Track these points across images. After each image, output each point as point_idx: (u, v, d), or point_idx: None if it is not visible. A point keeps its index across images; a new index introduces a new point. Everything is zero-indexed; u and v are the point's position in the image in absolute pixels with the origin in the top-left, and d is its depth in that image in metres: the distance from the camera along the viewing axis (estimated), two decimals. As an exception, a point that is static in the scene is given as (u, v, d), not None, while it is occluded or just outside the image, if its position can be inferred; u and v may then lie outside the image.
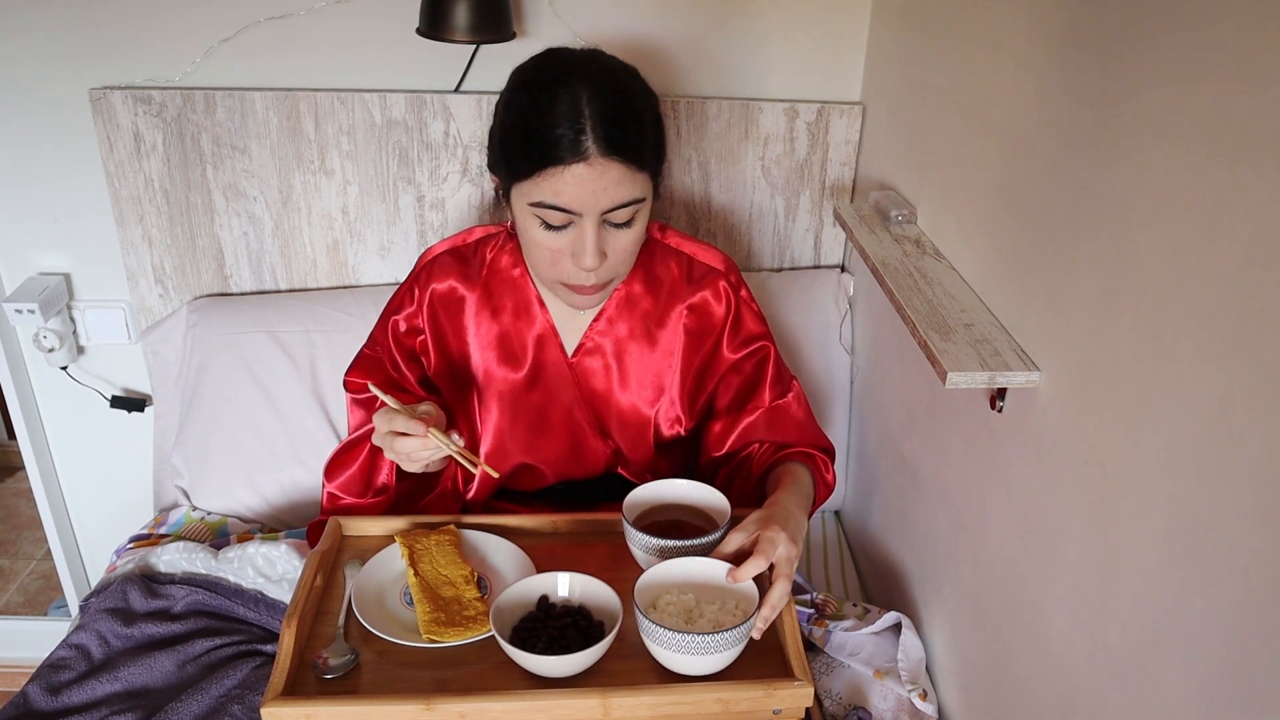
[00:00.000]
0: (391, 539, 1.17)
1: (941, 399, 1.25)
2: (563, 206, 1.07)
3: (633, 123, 1.08)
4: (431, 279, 1.26)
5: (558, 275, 1.14)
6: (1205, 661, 0.73)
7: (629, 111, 1.09)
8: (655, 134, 1.13)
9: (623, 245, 1.13)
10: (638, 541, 1.11)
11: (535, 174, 1.07)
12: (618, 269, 1.16)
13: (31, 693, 1.20)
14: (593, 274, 1.12)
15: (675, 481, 1.19)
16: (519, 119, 1.09)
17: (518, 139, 1.09)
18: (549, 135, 1.05)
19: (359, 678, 1.01)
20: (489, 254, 1.27)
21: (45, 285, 1.64)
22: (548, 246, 1.12)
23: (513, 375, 1.27)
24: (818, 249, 1.72)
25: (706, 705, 0.98)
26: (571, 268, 1.12)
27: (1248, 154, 0.68)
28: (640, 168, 1.09)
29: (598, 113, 1.05)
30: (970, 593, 1.17)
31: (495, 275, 1.26)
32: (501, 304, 1.26)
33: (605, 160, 1.05)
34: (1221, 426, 0.71)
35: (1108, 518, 0.86)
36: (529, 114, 1.08)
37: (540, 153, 1.06)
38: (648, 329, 1.27)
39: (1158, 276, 0.79)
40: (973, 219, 1.17)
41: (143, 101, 1.53)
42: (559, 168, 1.05)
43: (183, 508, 1.58)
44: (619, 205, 1.08)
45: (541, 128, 1.06)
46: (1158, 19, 0.79)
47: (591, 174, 1.05)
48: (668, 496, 1.19)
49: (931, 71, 1.32)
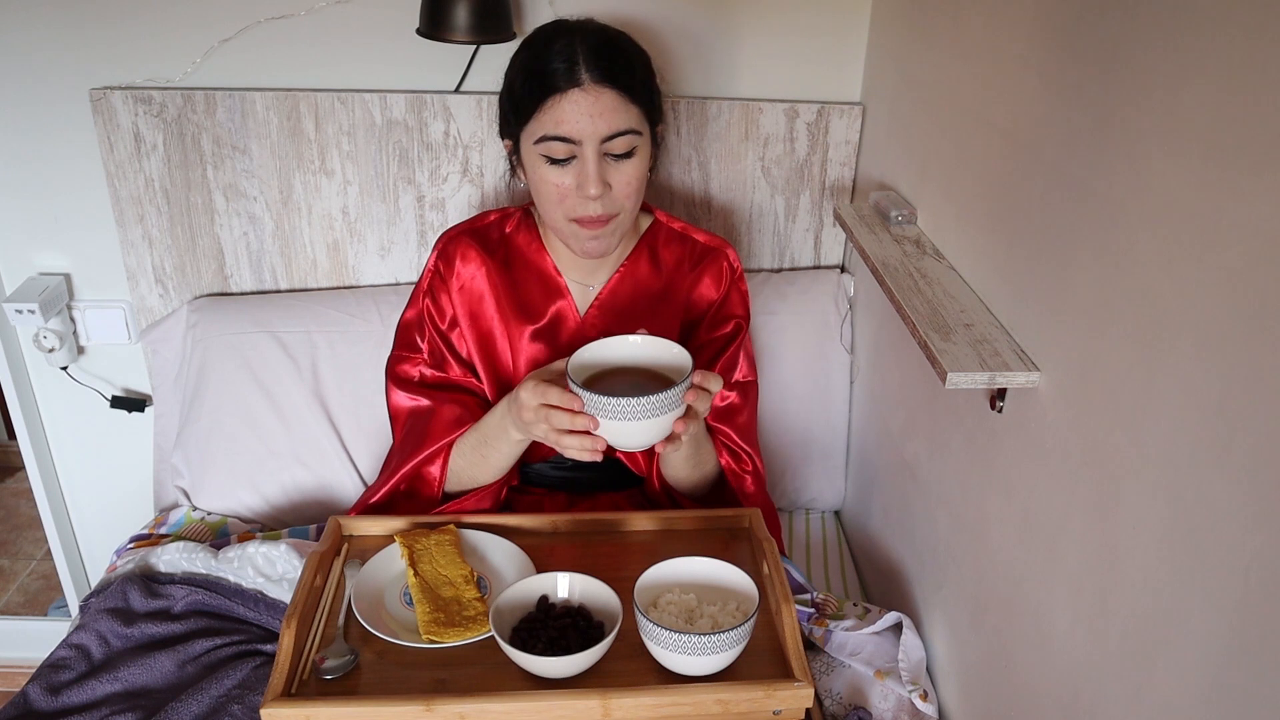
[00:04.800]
0: (391, 539, 1.17)
1: (941, 399, 1.25)
2: (563, 135, 1.17)
3: (622, 58, 1.20)
4: (454, 260, 1.33)
5: (566, 211, 1.22)
6: (1205, 661, 0.73)
7: (619, 49, 1.21)
8: (646, 76, 1.24)
9: (624, 178, 1.21)
10: (596, 406, 1.01)
11: (537, 110, 1.17)
12: (621, 203, 1.23)
13: (31, 693, 1.20)
14: (598, 203, 1.19)
15: (626, 338, 1.10)
16: (520, 67, 1.22)
17: (520, 83, 1.21)
18: (546, 69, 1.17)
19: (359, 678, 1.01)
20: (507, 230, 1.36)
21: (45, 285, 1.64)
22: (554, 183, 1.20)
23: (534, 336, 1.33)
24: (818, 249, 1.72)
25: (706, 706, 0.98)
26: (577, 200, 1.20)
27: (1247, 154, 0.68)
28: (633, 99, 1.19)
29: (590, 48, 1.17)
30: (970, 593, 1.17)
31: (515, 251, 1.34)
32: (522, 276, 1.34)
33: (599, 87, 1.16)
34: (1221, 426, 0.71)
35: (1108, 518, 0.86)
36: (529, 60, 1.21)
37: (539, 86, 1.17)
38: (650, 305, 1.34)
39: (1157, 277, 0.79)
40: (973, 219, 1.17)
41: (143, 101, 1.53)
42: (556, 97, 1.16)
43: (183, 508, 1.58)
44: (616, 133, 1.18)
45: (539, 66, 1.18)
46: (1158, 20, 0.79)
47: (586, 99, 1.16)
48: (618, 357, 1.10)
49: (931, 71, 1.32)
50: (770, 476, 1.66)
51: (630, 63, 1.21)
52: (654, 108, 1.25)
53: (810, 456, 1.67)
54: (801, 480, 1.69)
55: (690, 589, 1.06)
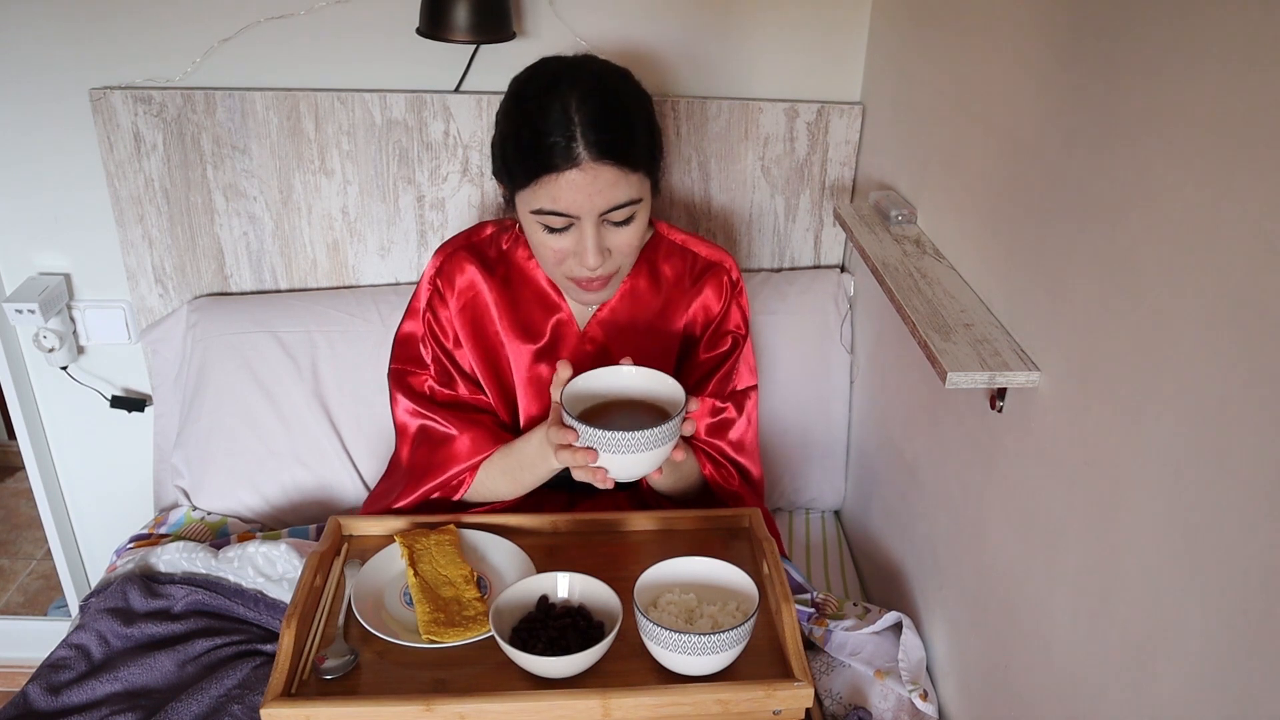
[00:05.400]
0: (391, 539, 1.17)
1: (941, 399, 1.25)
2: (561, 211, 1.14)
3: (622, 126, 1.14)
4: (454, 278, 1.32)
5: (564, 272, 1.22)
6: (1205, 661, 0.73)
7: (618, 115, 1.14)
8: (647, 135, 1.19)
9: (624, 241, 1.20)
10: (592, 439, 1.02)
11: (533, 183, 1.14)
12: (621, 263, 1.23)
13: (31, 693, 1.20)
14: (597, 270, 1.19)
15: (620, 369, 1.12)
16: (514, 131, 1.16)
17: (514, 150, 1.16)
18: (542, 145, 1.11)
19: (359, 678, 1.01)
20: (505, 246, 1.34)
21: (45, 285, 1.64)
22: (552, 248, 1.18)
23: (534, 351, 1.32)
24: (818, 249, 1.72)
25: (706, 706, 0.98)
26: (576, 265, 1.19)
27: (1247, 154, 0.68)
28: (633, 169, 1.15)
29: (587, 119, 1.11)
30: (970, 593, 1.17)
31: (514, 268, 1.33)
32: (521, 294, 1.33)
33: (597, 165, 1.11)
34: (1221, 426, 0.71)
35: (1108, 518, 0.86)
36: (522, 125, 1.14)
37: (535, 162, 1.12)
38: (650, 322, 1.33)
39: (1158, 276, 0.79)
40: (973, 219, 1.17)
41: (143, 101, 1.53)
42: (553, 175, 1.12)
43: (183, 508, 1.58)
44: (615, 206, 1.15)
45: (534, 138, 1.12)
46: (1157, 20, 0.79)
47: (585, 179, 1.11)
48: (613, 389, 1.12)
49: (931, 71, 1.32)
50: (770, 476, 1.66)
51: (631, 129, 1.14)
52: (654, 164, 1.21)
53: (810, 456, 1.67)
54: (801, 480, 1.68)
55: (690, 589, 1.06)
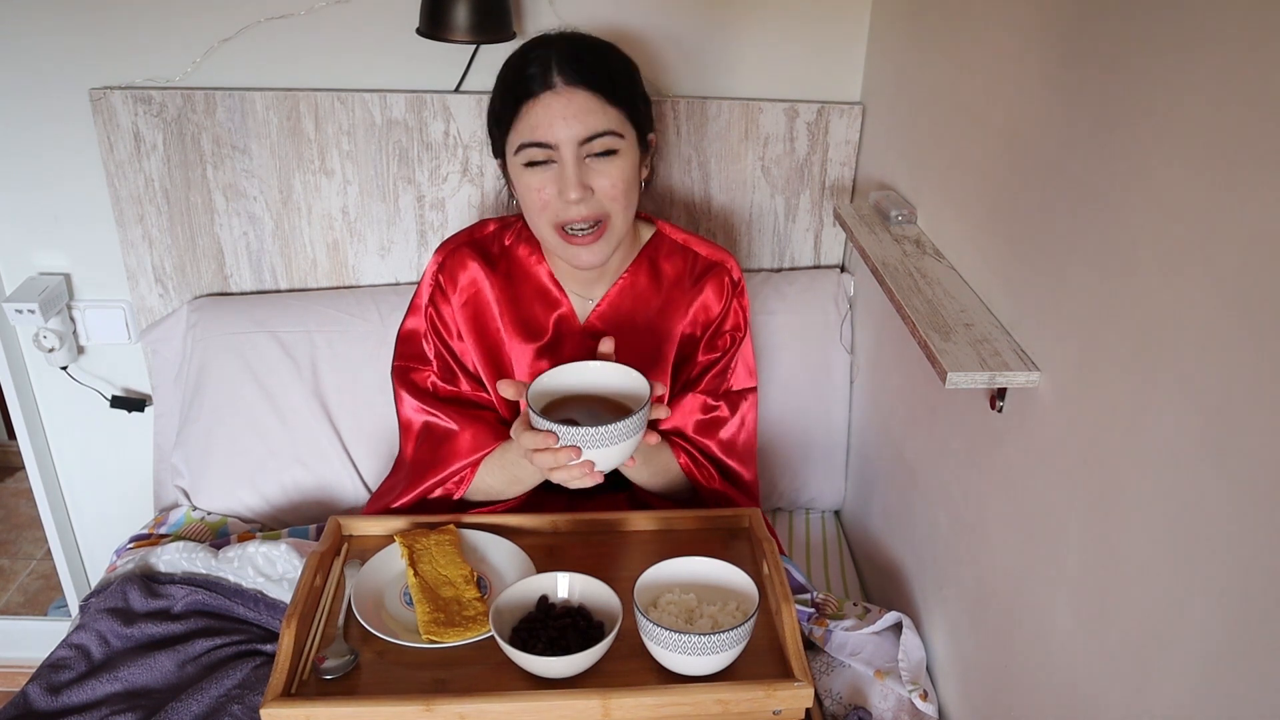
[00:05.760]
0: (391, 539, 1.17)
1: (941, 399, 1.25)
2: (539, 140, 1.16)
3: (599, 60, 1.19)
4: (456, 274, 1.32)
5: (550, 218, 1.20)
6: (1205, 661, 0.73)
7: (595, 51, 1.20)
8: (627, 80, 1.22)
9: (607, 180, 1.19)
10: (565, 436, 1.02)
11: (514, 119, 1.17)
12: (607, 205, 1.20)
13: (31, 693, 1.20)
14: (580, 205, 1.18)
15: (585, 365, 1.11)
16: (499, 81, 1.23)
17: (499, 94, 1.22)
18: (521, 77, 1.17)
19: (359, 678, 1.01)
20: (507, 242, 1.34)
21: (45, 285, 1.64)
22: (537, 189, 1.19)
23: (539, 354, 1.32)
24: (818, 249, 1.72)
25: (706, 706, 0.98)
26: (559, 205, 1.18)
27: (1247, 154, 0.68)
28: (610, 101, 1.17)
29: (563, 53, 1.17)
30: (970, 593, 1.17)
31: (515, 264, 1.33)
32: (522, 290, 1.33)
33: (571, 89, 1.15)
34: (1221, 426, 0.71)
35: (1108, 518, 0.86)
36: (506, 73, 1.21)
37: (514, 94, 1.18)
38: (649, 319, 1.33)
39: (1157, 276, 0.79)
40: (973, 219, 1.17)
41: (143, 101, 1.53)
42: (530, 102, 1.16)
43: (183, 508, 1.58)
44: (592, 135, 1.16)
45: (515, 75, 1.19)
46: (1158, 21, 0.79)
47: (559, 101, 1.15)
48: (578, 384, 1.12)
49: (931, 71, 1.32)
50: (770, 477, 1.66)
51: (606, 65, 1.19)
52: (639, 113, 1.23)
53: (810, 456, 1.67)
54: (801, 480, 1.68)
55: (690, 589, 1.06)
